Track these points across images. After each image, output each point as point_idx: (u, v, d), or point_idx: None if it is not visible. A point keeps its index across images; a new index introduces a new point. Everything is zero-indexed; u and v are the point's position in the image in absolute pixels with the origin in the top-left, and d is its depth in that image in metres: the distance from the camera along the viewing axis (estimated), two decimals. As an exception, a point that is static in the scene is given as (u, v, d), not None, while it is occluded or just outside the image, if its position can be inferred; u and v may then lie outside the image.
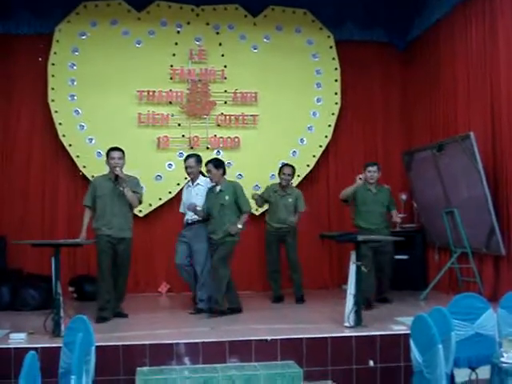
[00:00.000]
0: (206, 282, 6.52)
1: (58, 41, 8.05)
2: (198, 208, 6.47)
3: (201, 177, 6.78)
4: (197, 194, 6.71)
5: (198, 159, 6.72)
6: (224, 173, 6.55)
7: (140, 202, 6.45)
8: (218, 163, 6.50)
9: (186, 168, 6.78)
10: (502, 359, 3.76)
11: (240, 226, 6.43)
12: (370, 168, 7.10)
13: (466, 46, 7.42)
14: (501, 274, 6.75)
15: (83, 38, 8.16)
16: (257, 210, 8.14)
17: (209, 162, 6.54)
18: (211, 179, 6.53)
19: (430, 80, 8.37)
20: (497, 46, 6.72)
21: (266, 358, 5.10)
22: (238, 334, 5.35)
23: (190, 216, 6.68)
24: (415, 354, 3.76)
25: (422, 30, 8.52)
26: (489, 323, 4.37)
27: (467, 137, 6.73)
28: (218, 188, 6.49)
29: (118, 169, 6.12)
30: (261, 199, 7.48)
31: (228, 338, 5.21)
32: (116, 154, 6.20)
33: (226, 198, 6.43)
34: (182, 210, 6.95)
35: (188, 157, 6.84)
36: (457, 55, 7.65)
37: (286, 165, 7.52)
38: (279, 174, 7.48)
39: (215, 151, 8.38)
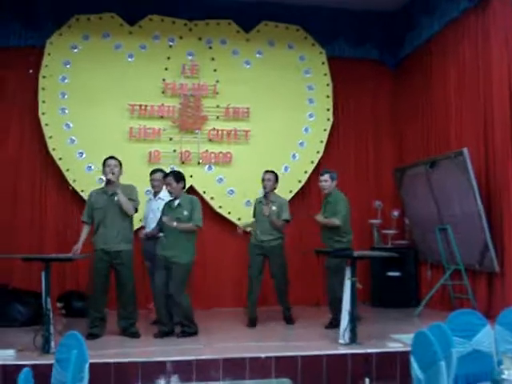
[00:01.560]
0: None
1: (49, 54, 7.98)
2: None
3: (164, 191, 6.82)
4: (158, 209, 6.69)
5: (165, 174, 6.71)
6: (184, 187, 6.34)
7: (136, 210, 6.28)
8: (178, 176, 6.25)
9: (152, 181, 6.99)
10: (504, 376, 3.69)
11: (175, 224, 6.07)
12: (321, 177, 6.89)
13: (457, 63, 7.47)
14: (494, 290, 6.73)
15: (75, 51, 8.10)
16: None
17: (169, 174, 6.37)
18: (171, 193, 6.31)
19: (421, 96, 8.40)
20: (489, 63, 6.76)
21: (261, 376, 5.01)
22: (231, 352, 5.27)
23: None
24: (416, 370, 3.69)
25: (414, 47, 8.55)
26: (486, 340, 4.30)
27: (460, 153, 6.73)
28: (177, 202, 6.23)
29: (110, 174, 6.07)
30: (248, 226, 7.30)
31: (221, 355, 5.12)
32: (111, 162, 6.15)
33: (185, 213, 6.15)
34: (143, 223, 7.02)
35: (155, 171, 7.06)
36: (448, 72, 7.69)
37: (267, 171, 7.18)
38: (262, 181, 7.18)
39: (206, 166, 8.33)
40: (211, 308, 8.04)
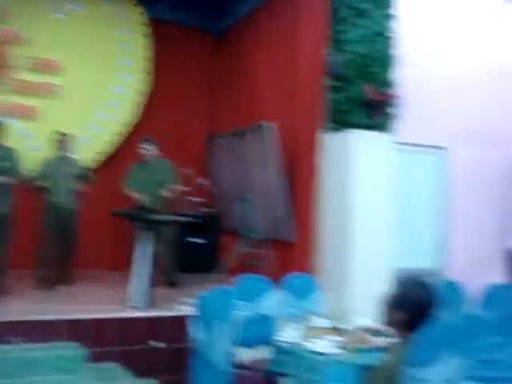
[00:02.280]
0: None
1: None
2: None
3: None
4: None
5: None
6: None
7: None
8: None
9: None
10: (281, 338, 3.95)
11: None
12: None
13: (271, 38, 7.71)
14: (289, 259, 7.08)
15: None
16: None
17: None
18: None
19: (237, 68, 8.58)
20: (297, 39, 7.00)
21: (50, 340, 4.85)
22: (20, 314, 5.07)
23: None
24: (198, 332, 3.82)
25: (235, 18, 8.70)
26: (270, 303, 4.57)
27: (263, 126, 7.00)
28: None
29: None
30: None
31: (10, 317, 4.91)
32: None
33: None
34: None
35: None
36: (262, 46, 7.91)
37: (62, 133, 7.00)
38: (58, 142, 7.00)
39: (10, 119, 7.79)
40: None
